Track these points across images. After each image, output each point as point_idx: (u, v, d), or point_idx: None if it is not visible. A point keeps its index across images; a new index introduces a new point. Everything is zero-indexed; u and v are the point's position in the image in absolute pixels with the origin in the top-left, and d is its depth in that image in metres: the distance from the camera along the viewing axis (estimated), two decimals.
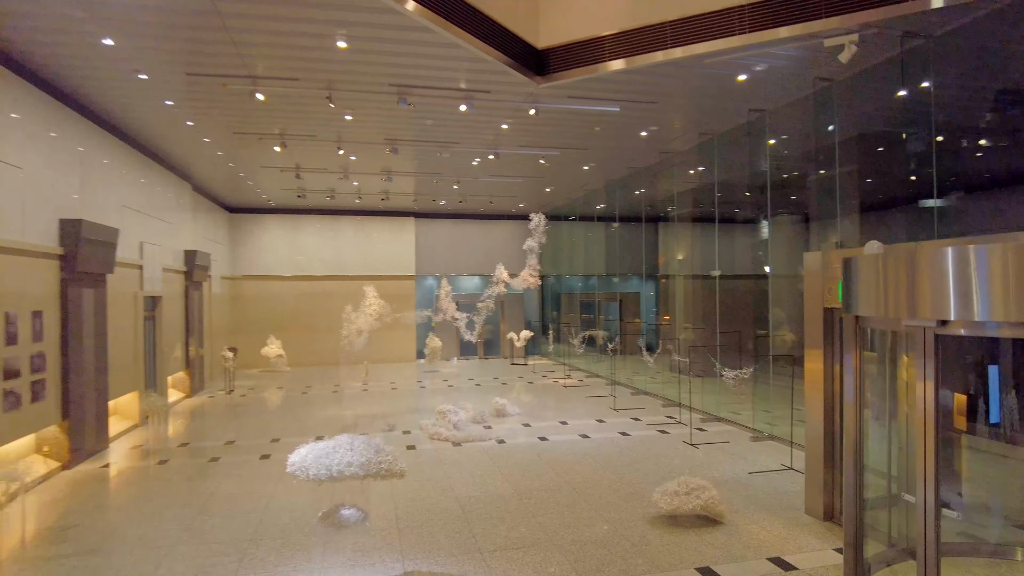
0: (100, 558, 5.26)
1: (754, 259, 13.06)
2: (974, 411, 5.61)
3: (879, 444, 5.61)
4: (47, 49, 6.83)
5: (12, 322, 6.92)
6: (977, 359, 5.46)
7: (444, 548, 5.36)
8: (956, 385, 6.19)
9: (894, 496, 5.37)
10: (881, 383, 5.20)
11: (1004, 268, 3.27)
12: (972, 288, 3.38)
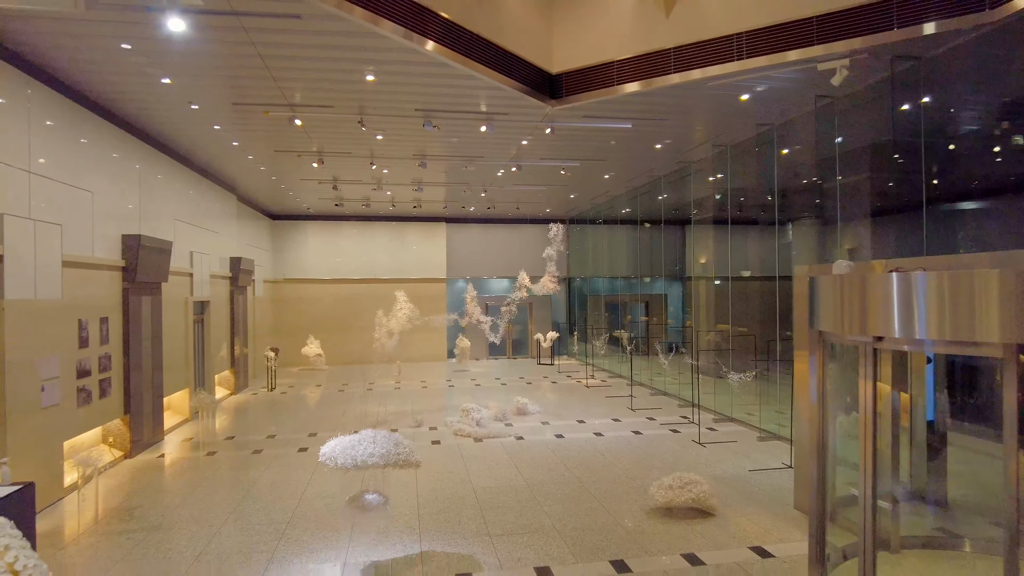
0: (161, 534, 6.07)
1: (774, 262, 13.36)
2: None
3: (854, 445, 6.06)
4: (113, 86, 7.71)
5: (84, 327, 7.84)
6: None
7: (458, 532, 6.03)
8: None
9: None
10: (850, 390, 5.66)
11: (940, 292, 3.74)
12: (918, 305, 3.82)
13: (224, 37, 6.37)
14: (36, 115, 6.96)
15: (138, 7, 5.60)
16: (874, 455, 4.10)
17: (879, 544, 5.68)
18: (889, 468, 5.64)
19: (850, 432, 6.11)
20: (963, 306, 3.61)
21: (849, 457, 5.80)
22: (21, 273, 6.51)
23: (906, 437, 6.20)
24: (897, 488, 5.63)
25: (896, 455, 5.65)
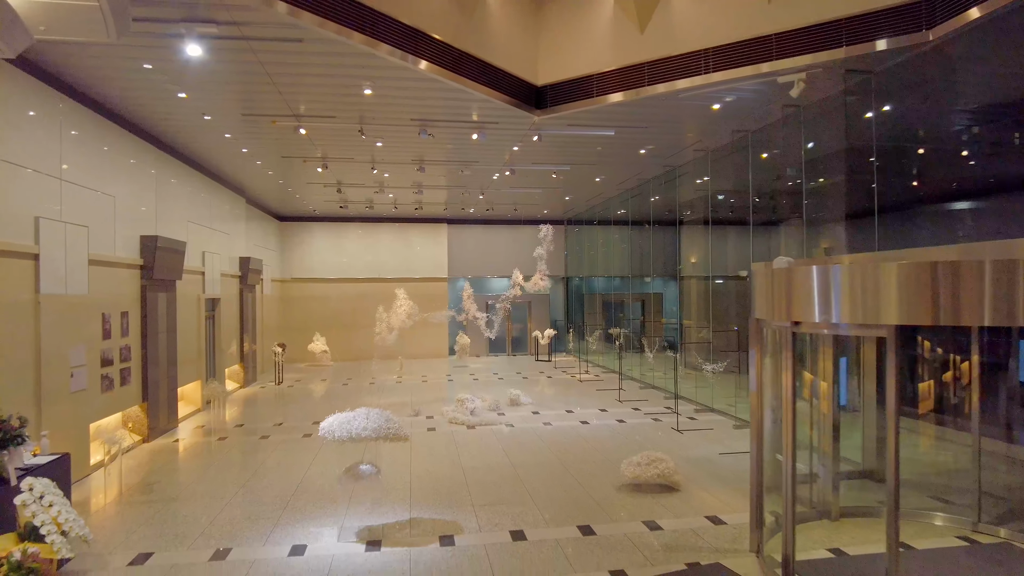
0: (178, 504, 6.77)
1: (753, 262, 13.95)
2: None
3: (802, 427, 6.68)
4: (134, 100, 8.42)
5: (107, 321, 8.56)
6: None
7: (443, 501, 6.70)
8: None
9: (811, 473, 6.47)
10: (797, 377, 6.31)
11: (852, 282, 4.36)
12: (834, 293, 4.44)
13: (235, 57, 7.06)
14: (66, 127, 7.68)
15: (161, 34, 6.30)
16: (793, 430, 4.72)
17: (822, 513, 6.33)
18: (831, 446, 6.26)
19: (803, 415, 6.75)
20: (870, 293, 4.22)
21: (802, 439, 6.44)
22: (53, 270, 7.23)
23: (857, 418, 6.84)
24: (836, 464, 6.25)
25: (836, 435, 6.26)
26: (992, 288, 3.88)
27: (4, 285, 6.43)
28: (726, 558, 5.29)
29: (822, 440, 6.36)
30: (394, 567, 5.17)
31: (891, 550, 3.99)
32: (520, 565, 5.18)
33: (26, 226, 6.84)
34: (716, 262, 12.10)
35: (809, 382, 6.27)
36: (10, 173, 6.58)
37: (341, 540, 5.73)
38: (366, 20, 6.68)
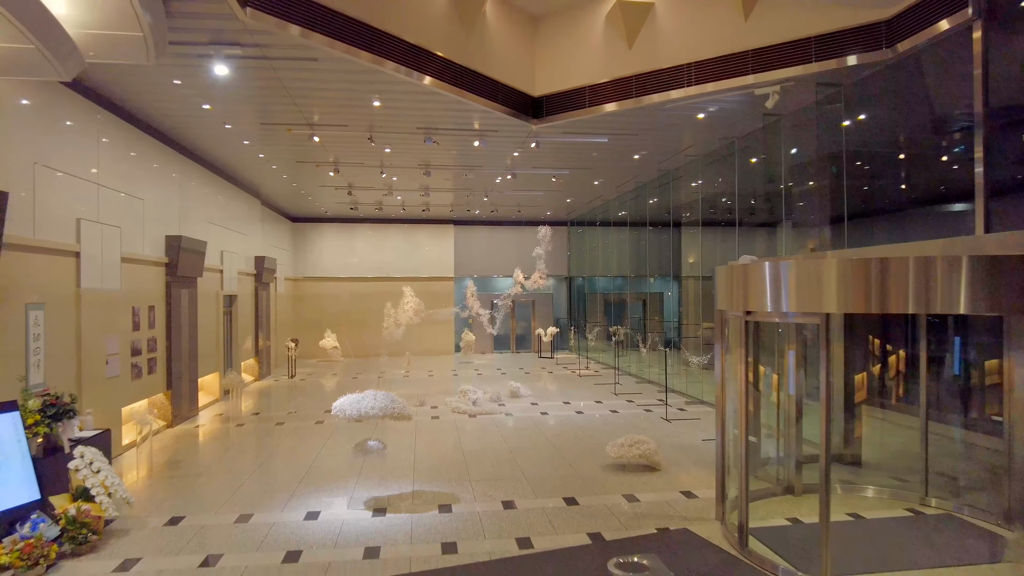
0: (202, 479, 7.48)
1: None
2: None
3: (768, 411, 7.32)
4: (162, 110, 9.16)
5: (136, 314, 9.30)
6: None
7: (443, 478, 7.37)
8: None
9: (778, 454, 7.09)
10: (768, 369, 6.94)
11: (798, 276, 4.99)
12: (783, 286, 5.06)
13: (255, 74, 7.77)
14: (102, 136, 8.42)
15: (191, 55, 7.02)
16: (746, 411, 5.35)
17: (786, 489, 6.95)
18: (795, 430, 6.88)
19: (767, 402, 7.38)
20: (813, 286, 4.85)
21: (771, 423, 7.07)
22: (92, 267, 7.97)
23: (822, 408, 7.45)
24: (800, 446, 6.87)
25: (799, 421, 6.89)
26: (914, 281, 4.52)
27: (52, 280, 7.17)
28: (693, 524, 5.93)
29: (787, 425, 6.98)
30: (397, 529, 5.84)
31: (822, 517, 4.62)
32: (508, 528, 5.85)
33: (69, 227, 7.58)
34: (710, 262, 12.69)
35: (770, 373, 6.89)
36: (57, 180, 7.32)
37: (350, 508, 6.42)
38: (373, 40, 7.36)
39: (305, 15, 6.65)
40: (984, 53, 6.22)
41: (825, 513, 4.62)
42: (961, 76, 6.71)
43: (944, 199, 8.52)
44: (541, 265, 12.69)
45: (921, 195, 8.55)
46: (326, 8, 6.84)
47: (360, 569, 5.02)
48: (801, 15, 7.70)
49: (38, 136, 7.02)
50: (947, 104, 7.67)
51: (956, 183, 7.84)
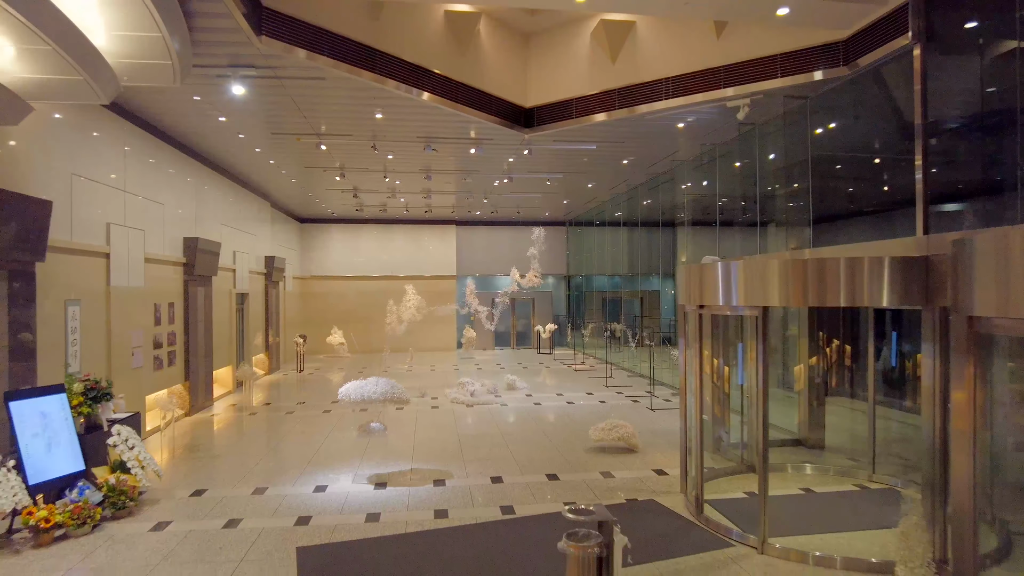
0: (221, 460, 8.25)
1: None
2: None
3: (733, 398, 8.03)
4: (181, 122, 9.91)
5: (158, 310, 10.08)
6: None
7: (439, 458, 8.11)
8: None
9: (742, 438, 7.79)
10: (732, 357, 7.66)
11: (748, 273, 5.69)
12: (733, 283, 5.76)
13: (267, 91, 8.52)
14: (127, 146, 9.20)
15: (210, 75, 7.77)
16: (700, 396, 6.07)
17: (748, 468, 7.64)
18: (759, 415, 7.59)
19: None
20: (758, 283, 5.56)
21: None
22: (120, 267, 8.74)
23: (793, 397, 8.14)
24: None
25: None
26: (844, 279, 5.22)
27: (86, 279, 7.95)
28: (659, 496, 6.65)
29: (748, 410, 7.69)
30: (395, 500, 6.59)
31: (761, 488, 5.33)
32: (495, 498, 6.58)
33: (100, 230, 8.36)
34: (696, 261, 13.38)
35: (734, 364, 7.60)
36: (90, 188, 8.10)
37: (354, 483, 7.17)
38: (374, 60, 8.10)
39: (312, 40, 7.39)
40: (923, 72, 6.90)
41: (763, 484, 5.33)
42: (910, 90, 7.38)
43: (908, 203, 9.19)
44: (535, 264, 13.41)
45: (886, 199, 9.21)
46: (331, 33, 7.57)
47: (362, 530, 5.77)
48: (768, 35, 8.38)
49: (73, 149, 7.79)
50: (902, 115, 8.33)
51: (912, 188, 8.52)
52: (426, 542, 5.50)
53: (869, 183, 9.86)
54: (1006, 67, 6.43)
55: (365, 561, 5.12)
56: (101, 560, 5.19)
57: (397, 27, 8.43)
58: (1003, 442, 4.81)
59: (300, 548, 5.36)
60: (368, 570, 4.95)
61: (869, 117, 9.12)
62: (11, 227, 6.13)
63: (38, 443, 5.90)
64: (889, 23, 7.23)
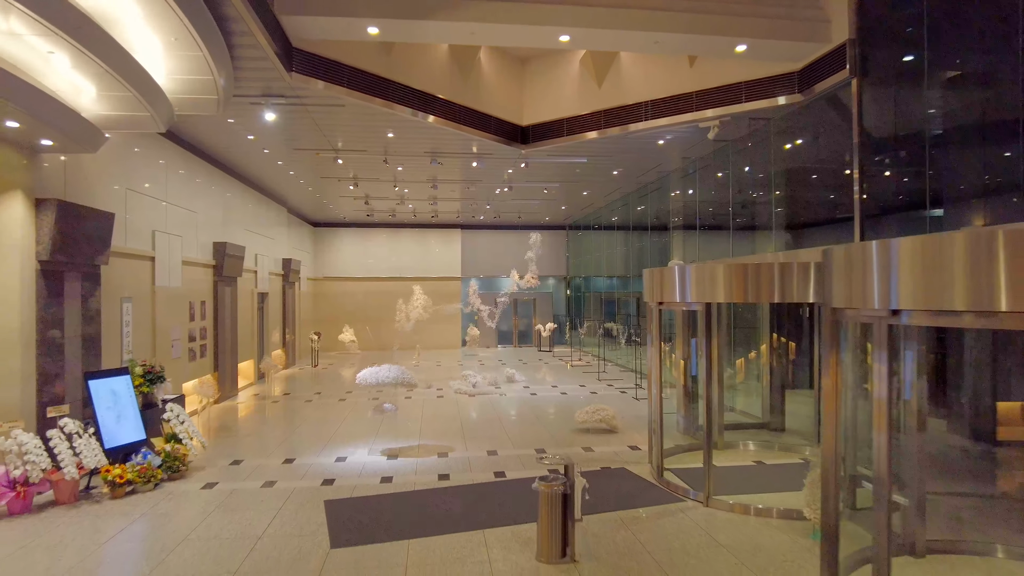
0: (252, 438, 9.43)
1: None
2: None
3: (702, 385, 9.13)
4: (214, 140, 11.13)
5: (192, 308, 11.29)
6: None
7: (443, 437, 9.28)
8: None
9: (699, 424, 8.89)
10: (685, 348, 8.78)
11: (698, 275, 6.81)
12: (687, 284, 6.88)
13: (293, 114, 9.71)
14: (166, 161, 10.41)
15: (245, 103, 8.97)
16: (659, 384, 7.20)
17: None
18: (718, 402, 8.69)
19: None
20: (707, 283, 6.68)
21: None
22: (163, 269, 9.95)
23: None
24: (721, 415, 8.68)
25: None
26: (779, 279, 6.34)
27: (136, 279, 9.16)
28: (630, 466, 7.78)
29: (711, 398, 8.80)
30: (405, 467, 7.75)
31: (706, 456, 6.46)
32: (490, 467, 7.73)
33: (147, 237, 9.57)
34: (681, 263, 14.48)
35: (685, 356, 8.73)
36: (140, 200, 9.31)
37: (370, 455, 8.34)
38: (387, 89, 9.27)
39: (333, 73, 8.57)
40: (859, 101, 8.01)
41: (708, 450, 6.46)
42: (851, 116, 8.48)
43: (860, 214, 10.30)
44: (533, 267, 14.55)
45: (848, 208, 10.31)
46: (350, 67, 8.75)
47: (378, 488, 6.93)
48: (734, 65, 9.49)
49: (127, 167, 9.00)
50: (849, 135, 9.44)
51: (866, 200, 9.61)
52: (430, 497, 6.66)
53: (839, 193, 10.97)
54: (929, 97, 7.53)
55: (380, 510, 6.29)
56: (166, 508, 6.37)
57: (407, 59, 9.61)
58: (865, 415, 5.94)
59: (327, 501, 6.54)
60: (383, 515, 6.12)
61: (829, 135, 10.22)
62: (87, 236, 7.33)
63: (110, 415, 7.10)
64: (832, 58, 8.34)
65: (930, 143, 7.46)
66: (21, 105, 5.32)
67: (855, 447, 6.36)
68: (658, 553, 5.22)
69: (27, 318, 6.71)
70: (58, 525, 5.92)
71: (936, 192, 7.37)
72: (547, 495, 5.03)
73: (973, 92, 7.14)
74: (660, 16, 7.86)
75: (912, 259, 3.62)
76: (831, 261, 4.35)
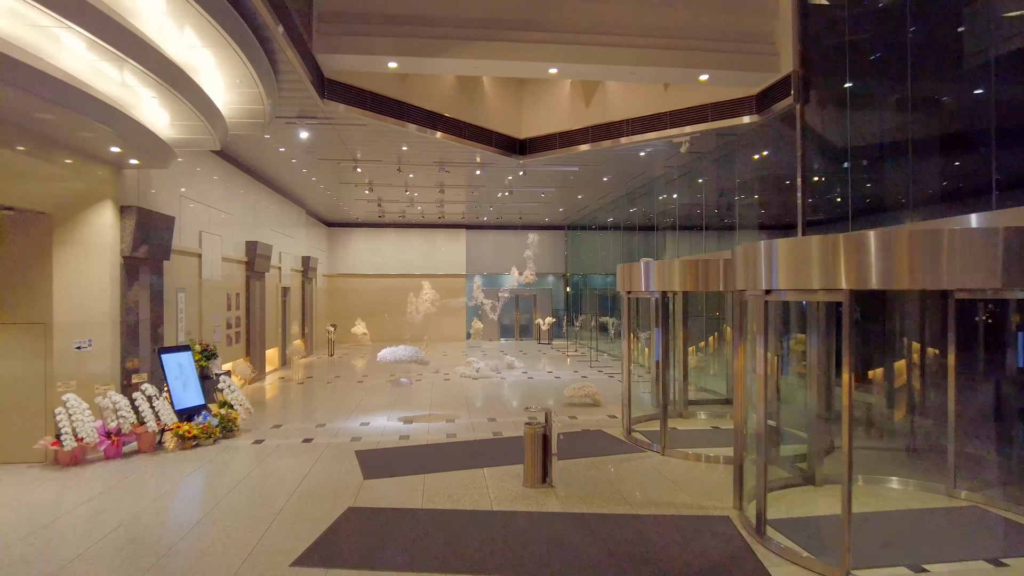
0: (286, 409, 11.00)
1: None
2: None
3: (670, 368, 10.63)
4: (250, 152, 12.68)
5: (229, 299, 12.85)
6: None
7: (450, 408, 10.82)
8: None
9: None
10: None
11: (659, 269, 8.32)
12: (649, 276, 8.38)
13: (321, 131, 11.25)
14: (211, 172, 11.97)
15: (281, 123, 10.51)
16: (628, 364, 8.70)
17: (679, 415, 10.23)
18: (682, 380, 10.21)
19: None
20: (667, 275, 8.19)
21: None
22: (208, 265, 11.52)
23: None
24: (685, 391, 10.17)
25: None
26: (723, 271, 7.84)
27: (187, 273, 10.73)
28: (605, 428, 9.31)
29: (667, 370, 10.32)
30: (419, 429, 9.29)
31: (662, 422, 7.98)
32: (489, 429, 9.27)
33: (195, 237, 11.14)
34: (663, 259, 15.97)
35: (649, 339, 10.22)
36: (191, 206, 10.88)
37: (389, 421, 9.89)
38: (400, 110, 10.79)
39: (357, 99, 10.10)
40: (801, 123, 9.49)
41: (663, 415, 7.97)
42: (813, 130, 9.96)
43: (813, 221, 11.78)
44: (530, 264, 16.07)
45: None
46: (371, 93, 10.27)
47: (397, 443, 8.47)
48: (702, 89, 10.98)
49: (181, 176, 10.56)
50: (811, 148, 10.92)
51: (817, 208, 11.09)
52: (441, 448, 8.21)
53: (792, 199, 12.44)
54: (856, 119, 8.99)
55: (401, 456, 7.83)
56: (226, 457, 7.93)
57: (419, 84, 11.13)
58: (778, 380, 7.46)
59: (357, 451, 8.09)
60: (401, 460, 7.66)
61: (785, 149, 11.70)
62: (157, 236, 8.90)
63: (177, 383, 8.67)
64: (782, 85, 9.82)
65: (858, 157, 8.95)
66: (124, 136, 6.86)
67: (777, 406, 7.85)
68: (617, 483, 6.75)
69: (114, 303, 8.27)
70: (143, 467, 7.48)
71: (877, 199, 8.90)
72: (531, 435, 6.57)
73: (895, 116, 8.62)
74: (634, 52, 9.35)
75: (786, 254, 5.16)
76: (736, 256, 5.88)
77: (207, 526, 5.58)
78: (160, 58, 6.19)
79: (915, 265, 4.53)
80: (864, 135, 9.04)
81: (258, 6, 6.52)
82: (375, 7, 8.78)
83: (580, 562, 4.79)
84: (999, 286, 4.39)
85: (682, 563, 4.77)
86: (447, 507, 6.02)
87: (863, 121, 9.00)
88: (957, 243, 4.45)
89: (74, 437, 7.30)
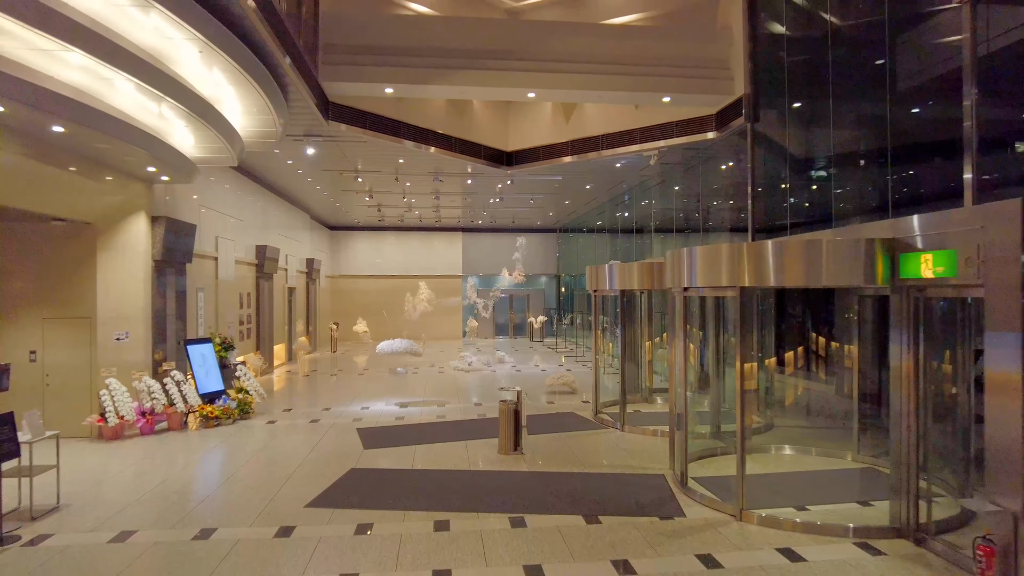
0: (294, 396, 12.23)
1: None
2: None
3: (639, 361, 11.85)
4: (260, 164, 13.92)
5: (241, 298, 14.08)
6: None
7: (442, 395, 12.05)
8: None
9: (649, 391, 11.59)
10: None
11: (620, 270, 9.53)
12: (612, 276, 9.59)
13: (324, 148, 12.48)
14: (225, 182, 13.20)
15: (290, 140, 11.75)
16: (596, 356, 9.93)
17: (644, 400, 11.44)
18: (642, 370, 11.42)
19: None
20: (626, 276, 9.41)
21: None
22: (223, 267, 12.75)
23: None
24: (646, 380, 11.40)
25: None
26: (668, 273, 9.04)
27: (206, 274, 11.96)
28: (578, 411, 10.53)
29: (624, 358, 11.53)
30: (413, 412, 10.52)
31: (621, 402, 9.20)
32: (475, 412, 10.49)
33: (212, 241, 12.37)
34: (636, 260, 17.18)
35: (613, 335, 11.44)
36: (208, 214, 12.12)
37: (386, 405, 11.12)
38: (396, 128, 12.02)
39: (359, 119, 11.33)
40: (752, 142, 10.71)
41: (623, 400, 9.19)
42: (770, 144, 11.17)
43: (773, 225, 13.01)
44: (519, 266, 17.31)
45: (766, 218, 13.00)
46: (371, 113, 11.50)
47: (394, 423, 9.71)
48: (669, 108, 12.19)
49: (200, 187, 11.79)
50: (758, 162, 12.14)
51: (777, 214, 12.32)
52: (431, 426, 9.44)
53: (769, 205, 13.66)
54: (796, 136, 10.20)
55: (396, 433, 9.06)
56: (244, 434, 9.15)
57: (413, 104, 12.35)
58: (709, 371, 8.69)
59: (359, 428, 9.32)
60: (397, 435, 8.89)
61: (743, 162, 12.92)
62: (182, 241, 10.13)
63: (201, 371, 9.90)
64: (736, 106, 11.03)
65: (802, 170, 10.16)
66: (160, 158, 8.08)
67: (720, 389, 9.08)
68: (578, 451, 7.98)
69: (146, 301, 9.50)
70: (174, 441, 8.72)
71: (821, 207, 10.13)
72: (505, 411, 7.79)
73: (836, 133, 9.82)
74: (603, 78, 10.57)
75: (703, 258, 6.39)
76: (668, 260, 7.11)
77: (234, 483, 6.81)
78: (193, 96, 7.43)
79: (801, 267, 5.76)
80: (808, 149, 10.25)
81: (272, 47, 7.75)
82: (373, 40, 10.02)
83: (531, 500, 6.02)
84: (862, 284, 5.64)
85: (615, 503, 6.00)
86: (433, 468, 7.25)
87: (806, 137, 10.22)
88: (832, 250, 5.67)
89: (116, 415, 8.53)
